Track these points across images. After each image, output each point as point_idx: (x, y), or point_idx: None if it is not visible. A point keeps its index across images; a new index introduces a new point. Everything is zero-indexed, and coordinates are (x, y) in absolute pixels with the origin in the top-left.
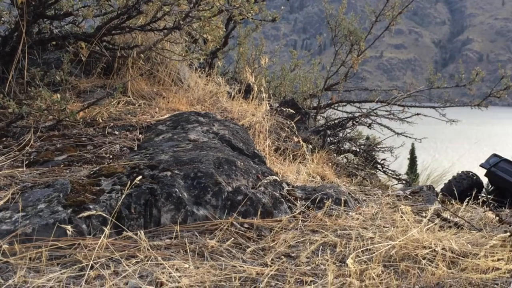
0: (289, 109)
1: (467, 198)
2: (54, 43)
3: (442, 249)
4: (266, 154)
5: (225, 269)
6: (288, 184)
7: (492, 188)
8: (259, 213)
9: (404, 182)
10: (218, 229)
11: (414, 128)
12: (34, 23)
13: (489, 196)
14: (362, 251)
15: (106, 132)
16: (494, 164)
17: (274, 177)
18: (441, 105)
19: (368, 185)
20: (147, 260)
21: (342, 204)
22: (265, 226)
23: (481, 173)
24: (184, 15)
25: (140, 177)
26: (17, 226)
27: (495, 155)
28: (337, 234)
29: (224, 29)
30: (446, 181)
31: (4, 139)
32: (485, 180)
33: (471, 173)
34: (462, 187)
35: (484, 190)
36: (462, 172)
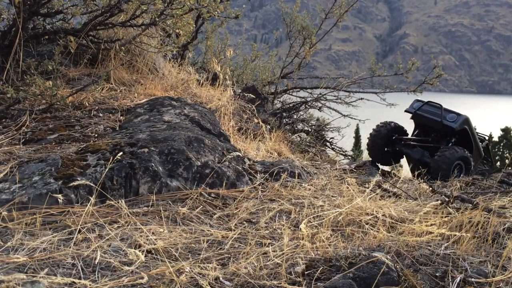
0: (250, 94)
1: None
2: (46, 37)
3: (383, 215)
4: (230, 133)
5: (195, 233)
6: (249, 159)
7: (417, 131)
8: (224, 184)
9: (349, 157)
10: (188, 198)
11: (358, 111)
12: (29, 20)
13: (413, 138)
14: (313, 217)
15: (92, 114)
16: (418, 108)
17: (237, 153)
18: (382, 91)
19: (319, 160)
20: (127, 225)
21: (296, 177)
22: (229, 196)
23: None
24: (159, 13)
25: (121, 153)
26: (15, 195)
27: (417, 100)
28: (291, 202)
29: (194, 25)
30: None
31: (3, 120)
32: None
33: (388, 121)
34: (381, 134)
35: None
36: (380, 122)
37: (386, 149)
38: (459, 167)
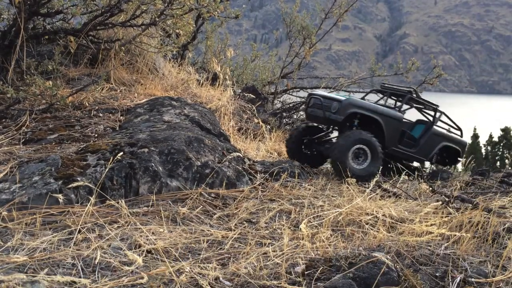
0: (250, 94)
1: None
2: (46, 37)
3: (383, 215)
4: (230, 133)
5: (195, 233)
6: (249, 159)
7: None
8: (224, 184)
9: None
10: (189, 198)
11: None
12: (29, 20)
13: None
14: (313, 217)
15: (92, 114)
16: (308, 106)
17: (237, 153)
18: None
19: None
20: (127, 225)
21: (296, 177)
22: (229, 196)
23: None
24: (159, 13)
25: (121, 153)
26: (15, 195)
27: (310, 95)
28: (291, 202)
29: (194, 25)
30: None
31: (3, 120)
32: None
33: (299, 124)
34: (292, 138)
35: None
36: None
37: (305, 152)
38: (362, 152)
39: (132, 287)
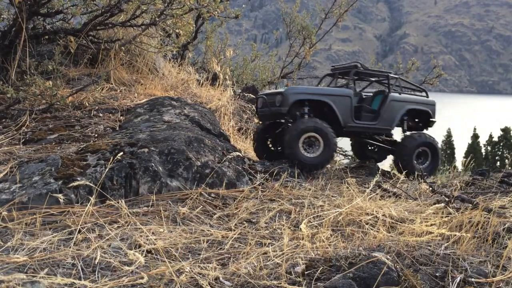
0: (250, 94)
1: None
2: (46, 37)
3: (383, 215)
4: (230, 133)
5: (195, 233)
6: (249, 159)
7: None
8: (224, 184)
9: (349, 157)
10: (189, 198)
11: None
12: (30, 20)
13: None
14: (313, 217)
15: (92, 114)
16: (258, 107)
17: (237, 153)
18: None
19: None
20: (127, 225)
21: (296, 177)
22: (229, 196)
23: None
24: (159, 13)
25: (121, 153)
26: (15, 195)
27: (258, 97)
28: (291, 202)
29: (194, 25)
30: None
31: (3, 120)
32: None
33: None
34: (255, 135)
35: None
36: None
37: (273, 149)
38: (315, 140)
39: (132, 287)
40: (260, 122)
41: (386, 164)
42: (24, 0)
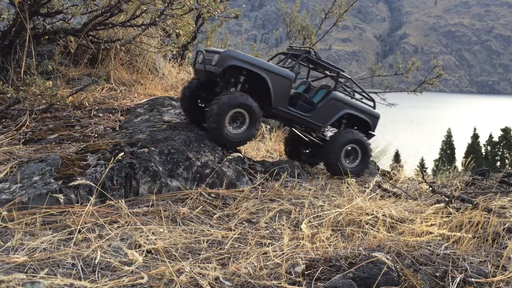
0: None
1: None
2: (46, 37)
3: (383, 215)
4: None
5: (195, 233)
6: (249, 159)
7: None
8: (224, 184)
9: None
10: (189, 198)
11: None
12: (30, 20)
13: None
14: (313, 217)
15: (92, 114)
16: (194, 61)
17: (237, 153)
18: (382, 91)
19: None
20: (127, 225)
21: (296, 177)
22: (229, 196)
23: None
24: (159, 13)
25: (121, 153)
26: (15, 195)
27: (198, 52)
28: (292, 202)
29: (194, 25)
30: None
31: (3, 120)
32: None
33: (191, 80)
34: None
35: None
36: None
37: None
38: (240, 115)
39: (132, 287)
40: (195, 78)
41: (386, 164)
42: (24, 0)
